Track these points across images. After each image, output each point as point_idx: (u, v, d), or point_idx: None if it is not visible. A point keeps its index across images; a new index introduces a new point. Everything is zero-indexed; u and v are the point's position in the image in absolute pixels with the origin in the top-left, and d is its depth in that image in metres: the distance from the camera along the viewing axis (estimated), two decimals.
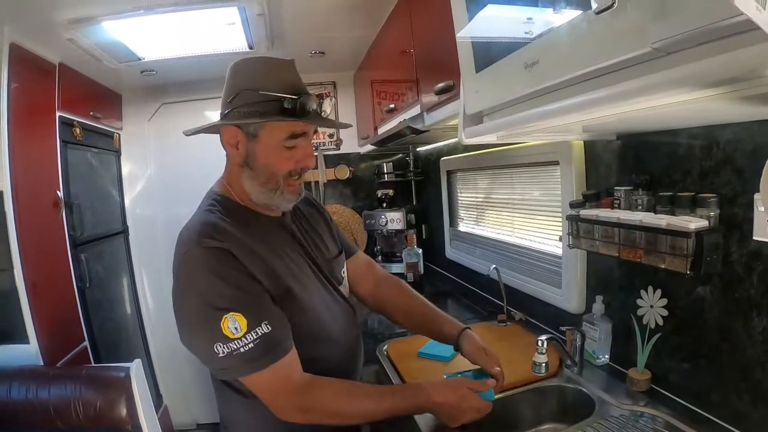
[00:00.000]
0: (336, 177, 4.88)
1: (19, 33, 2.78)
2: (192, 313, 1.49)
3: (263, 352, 1.44)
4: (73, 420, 2.37)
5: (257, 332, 1.43)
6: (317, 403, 1.52)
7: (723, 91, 0.89)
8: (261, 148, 1.62)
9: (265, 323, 1.46)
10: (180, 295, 1.53)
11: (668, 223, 1.50)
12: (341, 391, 1.57)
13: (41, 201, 3.10)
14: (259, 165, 1.63)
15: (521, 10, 1.30)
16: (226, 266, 1.48)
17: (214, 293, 1.45)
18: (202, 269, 1.48)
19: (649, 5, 0.84)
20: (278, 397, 1.51)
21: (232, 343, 1.41)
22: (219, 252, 1.48)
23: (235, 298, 1.45)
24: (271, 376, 1.47)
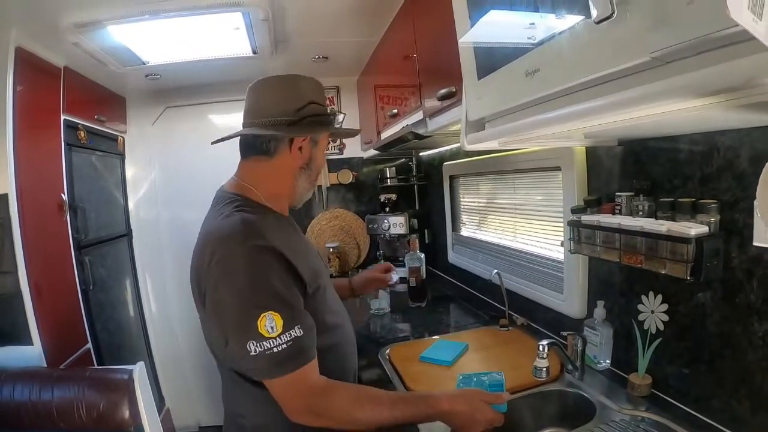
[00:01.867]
0: (339, 181, 4.89)
1: (25, 36, 2.79)
2: (231, 309, 1.51)
3: (292, 357, 1.47)
4: (76, 422, 2.37)
5: (291, 334, 1.47)
6: (331, 408, 1.53)
7: (721, 100, 0.90)
8: (319, 152, 1.84)
9: (298, 327, 1.49)
10: (219, 293, 1.53)
11: (669, 228, 1.51)
12: (355, 397, 1.58)
13: (45, 204, 3.11)
14: (315, 166, 1.84)
15: (522, 17, 1.30)
16: (271, 265, 1.52)
17: (256, 291, 1.48)
18: (246, 267, 1.50)
19: (648, 15, 0.85)
20: (294, 400, 1.52)
21: (266, 342, 1.44)
22: (264, 250, 1.53)
23: (276, 297, 1.49)
24: (292, 380, 1.49)
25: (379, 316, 3.24)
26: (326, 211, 4.90)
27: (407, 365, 2.30)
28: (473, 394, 1.64)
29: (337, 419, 1.54)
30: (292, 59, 3.97)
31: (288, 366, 1.47)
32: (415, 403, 1.60)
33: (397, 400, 1.60)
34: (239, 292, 1.49)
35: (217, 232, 1.62)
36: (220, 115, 4.77)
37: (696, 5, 0.76)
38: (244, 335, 1.46)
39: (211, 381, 4.69)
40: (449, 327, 2.98)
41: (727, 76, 0.76)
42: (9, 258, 2.66)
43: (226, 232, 1.59)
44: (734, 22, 0.67)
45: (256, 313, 1.45)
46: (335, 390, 1.56)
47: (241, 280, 1.49)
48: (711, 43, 0.77)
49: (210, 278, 1.55)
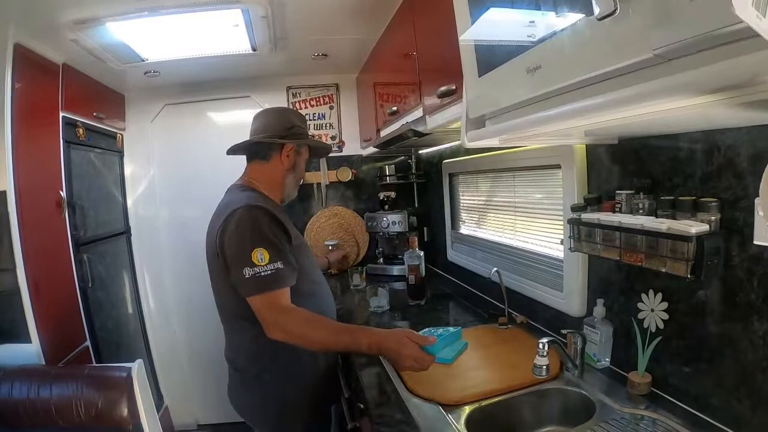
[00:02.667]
0: (338, 179, 4.88)
1: (23, 33, 2.79)
2: (235, 247, 2.12)
3: (272, 280, 2.07)
4: (75, 419, 2.37)
5: (274, 266, 2.08)
6: (292, 325, 2.08)
7: (724, 97, 0.89)
8: (301, 160, 2.60)
9: (280, 262, 2.11)
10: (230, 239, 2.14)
11: (669, 227, 1.51)
12: (310, 320, 2.13)
13: (44, 201, 3.11)
14: (299, 170, 2.60)
15: (523, 14, 1.30)
16: (266, 219, 2.16)
17: (252, 234, 2.11)
18: (247, 219, 2.14)
19: (650, 12, 0.85)
20: (268, 316, 2.08)
21: (256, 268, 2.06)
22: (262, 210, 2.19)
23: (265, 239, 2.11)
24: (269, 299, 2.07)
25: (379, 314, 3.23)
26: (325, 209, 4.90)
27: None
28: (402, 333, 2.02)
29: (297, 336, 2.08)
30: (291, 56, 3.97)
31: (268, 286, 2.07)
32: (354, 334, 2.08)
33: (342, 330, 2.15)
34: (242, 235, 2.11)
35: (231, 203, 2.25)
36: (219, 113, 4.77)
37: (699, 1, 0.75)
38: (242, 264, 2.07)
39: (209, 379, 4.70)
40: (448, 325, 2.96)
41: (730, 74, 0.75)
42: (7, 255, 2.67)
43: (238, 202, 2.22)
44: (738, 19, 0.67)
45: (251, 247, 2.08)
46: (297, 311, 2.12)
47: (244, 228, 2.12)
48: (714, 40, 0.76)
49: (224, 232, 2.16)
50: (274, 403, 2.34)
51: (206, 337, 4.58)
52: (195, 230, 4.47)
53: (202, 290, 4.60)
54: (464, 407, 1.89)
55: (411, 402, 1.96)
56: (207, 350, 4.60)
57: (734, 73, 0.74)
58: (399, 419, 1.84)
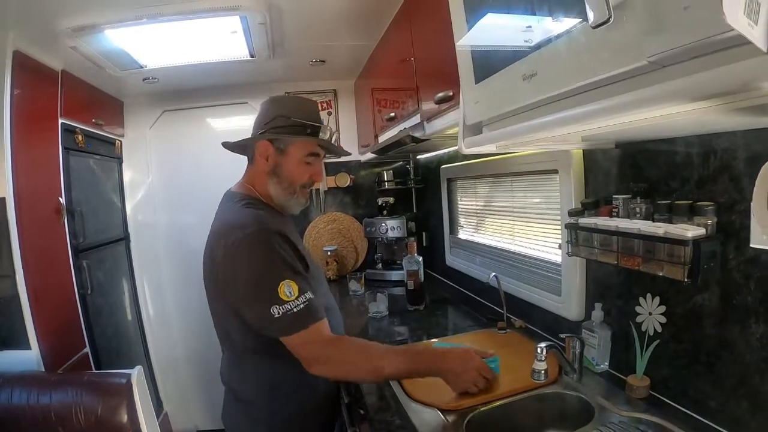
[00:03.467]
0: (336, 185, 4.90)
1: (22, 40, 2.80)
2: (253, 284, 1.82)
3: (309, 314, 1.80)
4: (75, 426, 2.37)
5: (305, 297, 1.80)
6: (342, 356, 1.86)
7: (717, 103, 0.90)
8: (287, 161, 2.09)
9: (309, 291, 1.83)
10: (239, 272, 1.85)
11: (666, 231, 1.52)
12: (361, 349, 1.91)
13: (43, 207, 3.12)
14: (284, 175, 2.10)
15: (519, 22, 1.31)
16: (281, 244, 1.86)
17: (273, 265, 1.81)
18: (262, 246, 1.83)
19: (644, 20, 0.86)
20: (312, 351, 1.83)
21: (287, 305, 1.76)
22: (274, 234, 1.86)
23: (290, 268, 1.83)
24: (310, 334, 1.80)
25: (377, 319, 3.23)
26: (324, 215, 4.91)
27: None
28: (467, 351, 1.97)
29: (349, 367, 1.88)
30: (289, 63, 3.99)
31: (306, 322, 1.79)
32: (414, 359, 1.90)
33: (400, 354, 1.90)
34: (258, 268, 1.82)
35: (231, 223, 1.94)
36: (217, 119, 4.79)
37: (692, 10, 0.76)
38: (267, 302, 1.76)
39: (208, 385, 4.70)
40: (447, 330, 2.98)
41: (723, 80, 0.76)
42: (7, 262, 2.67)
43: (240, 222, 1.91)
44: (730, 27, 0.68)
45: (276, 282, 1.77)
46: (344, 341, 1.94)
47: (257, 258, 1.82)
48: (707, 48, 0.77)
49: (227, 262, 1.86)
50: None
51: (205, 343, 4.57)
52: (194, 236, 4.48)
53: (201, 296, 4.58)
54: (464, 412, 1.89)
55: (411, 407, 1.97)
56: (206, 356, 4.59)
57: (728, 79, 0.75)
58: (399, 424, 1.85)
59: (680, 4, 0.78)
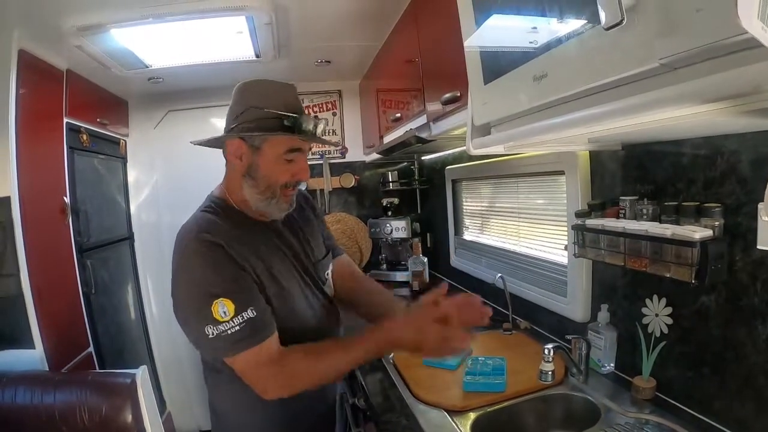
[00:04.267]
0: (341, 185, 4.91)
1: (27, 39, 2.80)
2: (187, 299, 1.66)
3: (248, 335, 1.59)
4: (79, 425, 2.37)
5: (243, 317, 1.58)
6: (293, 369, 1.65)
7: (728, 106, 0.90)
8: (263, 160, 1.75)
9: (251, 309, 1.61)
10: (177, 283, 1.68)
11: (673, 232, 1.52)
12: (310, 352, 1.68)
13: (48, 207, 3.12)
14: (260, 175, 1.76)
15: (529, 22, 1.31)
16: (219, 258, 1.63)
17: (207, 281, 1.60)
18: (197, 259, 1.63)
19: (657, 22, 0.85)
20: (256, 373, 1.63)
21: (221, 326, 1.56)
22: (213, 245, 1.63)
23: (224, 286, 1.60)
24: (253, 356, 1.60)
25: None
26: (328, 215, 4.90)
27: (412, 370, 2.30)
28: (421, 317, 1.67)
29: (302, 377, 1.66)
30: (294, 63, 3.99)
31: (243, 344, 1.58)
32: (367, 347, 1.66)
33: (350, 344, 1.69)
34: (193, 282, 1.63)
35: (181, 229, 1.76)
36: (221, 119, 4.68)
37: (705, 12, 0.76)
38: (202, 321, 1.58)
39: None
40: None
41: (735, 83, 0.76)
42: (11, 261, 2.67)
43: (184, 229, 1.74)
44: (743, 30, 0.68)
45: (209, 300, 1.57)
46: (290, 352, 1.66)
47: (194, 271, 1.64)
48: (720, 50, 0.77)
49: (173, 271, 1.70)
50: None
51: None
52: None
53: None
54: (470, 413, 1.90)
55: (417, 408, 1.97)
56: None
57: (739, 82, 0.75)
58: (405, 425, 1.86)
59: (693, 6, 0.77)
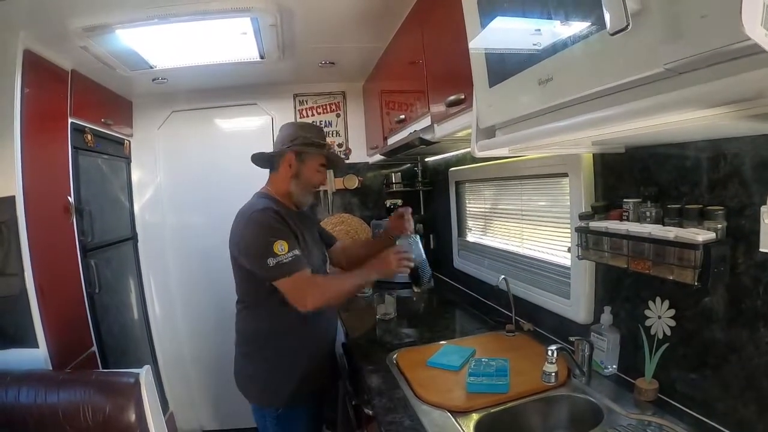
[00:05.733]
0: (345, 186, 4.91)
1: (33, 40, 2.82)
2: (255, 241, 2.40)
3: (295, 264, 2.36)
4: (82, 424, 2.37)
5: (294, 253, 2.37)
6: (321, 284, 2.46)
7: (732, 110, 0.91)
8: (306, 168, 2.69)
9: (297, 250, 2.39)
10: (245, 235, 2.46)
11: (676, 235, 1.52)
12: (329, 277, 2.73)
13: (52, 206, 3.14)
14: (304, 177, 2.68)
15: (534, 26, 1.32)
16: (278, 219, 2.44)
17: (271, 230, 2.39)
18: (263, 218, 2.43)
19: (662, 27, 0.86)
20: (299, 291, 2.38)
21: (280, 258, 2.33)
22: (274, 212, 2.46)
23: (281, 234, 2.39)
24: (296, 278, 2.36)
25: (386, 321, 3.24)
26: (332, 216, 4.91)
27: (415, 370, 2.31)
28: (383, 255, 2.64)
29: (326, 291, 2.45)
30: (299, 64, 4.00)
31: (294, 270, 2.35)
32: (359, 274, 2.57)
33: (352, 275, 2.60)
34: (261, 232, 2.39)
35: (248, 205, 2.59)
36: (225, 120, 4.79)
37: (709, 19, 0.77)
38: (265, 255, 2.33)
39: (214, 385, 4.72)
40: (455, 332, 2.98)
41: (738, 88, 0.77)
42: (15, 260, 2.68)
43: (253, 204, 2.56)
44: (747, 36, 0.69)
45: (272, 240, 2.34)
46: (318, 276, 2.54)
47: (263, 225, 2.41)
48: (724, 56, 0.78)
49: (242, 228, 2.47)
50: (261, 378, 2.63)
51: (211, 342, 4.61)
52: (201, 236, 4.48)
53: (207, 296, 4.62)
54: (473, 414, 1.91)
55: (420, 408, 1.97)
56: (212, 356, 4.62)
57: (743, 87, 0.76)
58: (408, 425, 1.86)
59: (698, 12, 0.78)
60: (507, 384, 2.04)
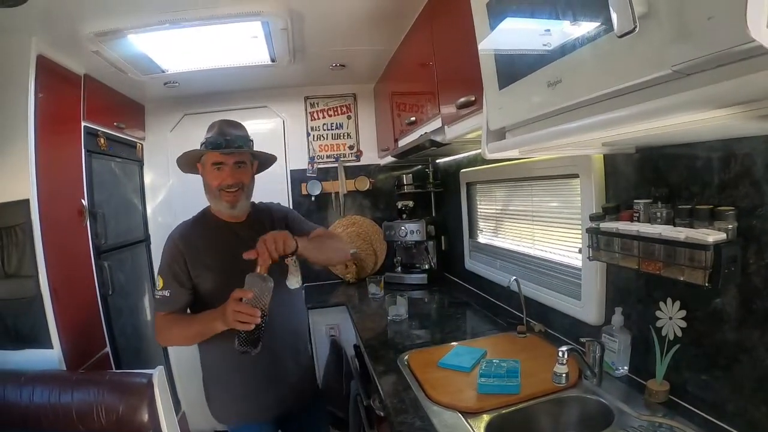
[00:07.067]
0: (356, 188, 4.93)
1: (46, 45, 2.84)
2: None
3: (159, 304, 2.37)
4: (96, 424, 2.39)
5: (162, 293, 2.35)
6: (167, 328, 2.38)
7: (740, 111, 0.91)
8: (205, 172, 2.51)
9: (167, 291, 2.35)
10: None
11: (687, 236, 1.52)
12: (172, 321, 2.37)
13: (66, 209, 3.16)
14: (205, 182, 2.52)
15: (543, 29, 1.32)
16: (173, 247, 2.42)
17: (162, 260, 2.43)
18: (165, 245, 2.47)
19: (669, 29, 0.87)
20: (156, 326, 2.42)
21: (156, 292, 2.38)
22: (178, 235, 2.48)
23: (164, 268, 2.39)
24: (157, 317, 2.41)
25: (397, 322, 3.25)
26: (343, 218, 4.93)
27: (426, 371, 2.31)
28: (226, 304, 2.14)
29: (171, 336, 2.43)
30: (309, 67, 4.02)
31: (157, 308, 2.40)
32: (203, 321, 2.28)
33: (195, 322, 2.34)
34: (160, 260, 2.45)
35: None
36: None
37: (715, 21, 0.77)
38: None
39: None
40: (466, 333, 2.98)
41: (745, 89, 0.78)
42: (30, 262, 2.71)
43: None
44: (751, 38, 0.69)
45: (158, 274, 2.40)
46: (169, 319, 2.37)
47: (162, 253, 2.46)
48: (730, 57, 0.79)
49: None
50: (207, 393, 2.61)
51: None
52: None
53: None
54: (484, 415, 1.91)
55: (431, 409, 1.98)
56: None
57: (751, 88, 0.77)
58: (419, 426, 1.86)
59: (705, 14, 0.79)
60: (518, 385, 2.03)
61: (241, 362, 2.35)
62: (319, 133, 4.94)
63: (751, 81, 0.76)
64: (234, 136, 2.46)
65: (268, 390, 2.48)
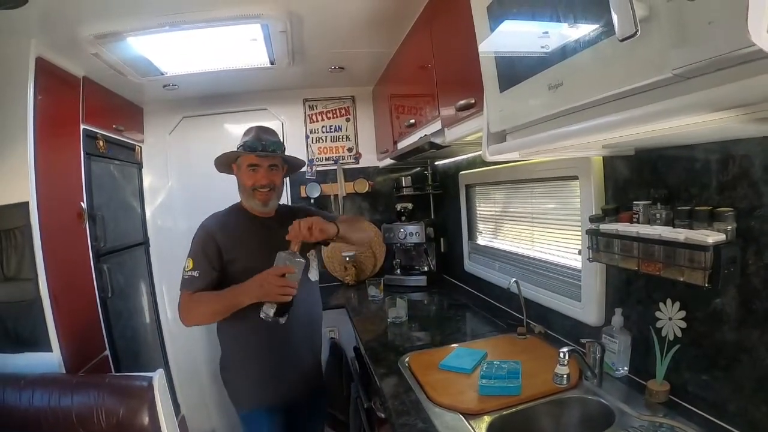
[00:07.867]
0: (355, 190, 4.93)
1: (45, 47, 2.84)
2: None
3: (185, 283, 2.52)
4: (96, 428, 2.38)
5: (191, 273, 2.51)
6: (189, 306, 2.51)
7: (739, 114, 0.92)
8: (241, 173, 2.72)
9: (196, 271, 2.51)
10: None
11: (686, 237, 1.53)
12: (197, 299, 2.50)
13: (65, 212, 3.16)
14: (240, 182, 2.74)
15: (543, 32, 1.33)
16: (204, 236, 2.60)
17: (192, 245, 2.62)
18: (196, 232, 2.65)
19: (670, 33, 0.88)
20: (180, 306, 2.52)
21: (183, 273, 2.54)
22: (203, 227, 2.65)
23: (195, 250, 2.58)
24: (181, 296, 2.53)
25: (397, 324, 3.25)
26: None
27: (427, 373, 2.32)
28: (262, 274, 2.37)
29: (193, 312, 2.52)
30: (308, 69, 4.02)
31: (182, 287, 2.53)
32: (228, 296, 2.45)
33: (219, 297, 2.47)
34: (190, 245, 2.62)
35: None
36: (236, 125, 4.78)
37: (716, 25, 0.78)
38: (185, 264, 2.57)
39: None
40: (467, 335, 2.98)
41: (745, 93, 0.78)
42: (29, 265, 2.71)
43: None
44: (751, 42, 0.70)
45: (189, 256, 2.58)
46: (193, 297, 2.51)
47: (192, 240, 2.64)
48: (731, 61, 0.79)
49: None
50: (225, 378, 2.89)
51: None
52: None
53: None
54: (485, 416, 1.91)
55: (433, 411, 1.98)
56: None
57: (750, 92, 0.77)
58: (421, 428, 1.87)
59: (705, 18, 0.80)
60: (519, 386, 2.04)
61: (260, 348, 2.65)
62: (318, 136, 4.95)
63: (751, 84, 0.77)
64: (269, 141, 2.70)
65: (283, 376, 2.68)
